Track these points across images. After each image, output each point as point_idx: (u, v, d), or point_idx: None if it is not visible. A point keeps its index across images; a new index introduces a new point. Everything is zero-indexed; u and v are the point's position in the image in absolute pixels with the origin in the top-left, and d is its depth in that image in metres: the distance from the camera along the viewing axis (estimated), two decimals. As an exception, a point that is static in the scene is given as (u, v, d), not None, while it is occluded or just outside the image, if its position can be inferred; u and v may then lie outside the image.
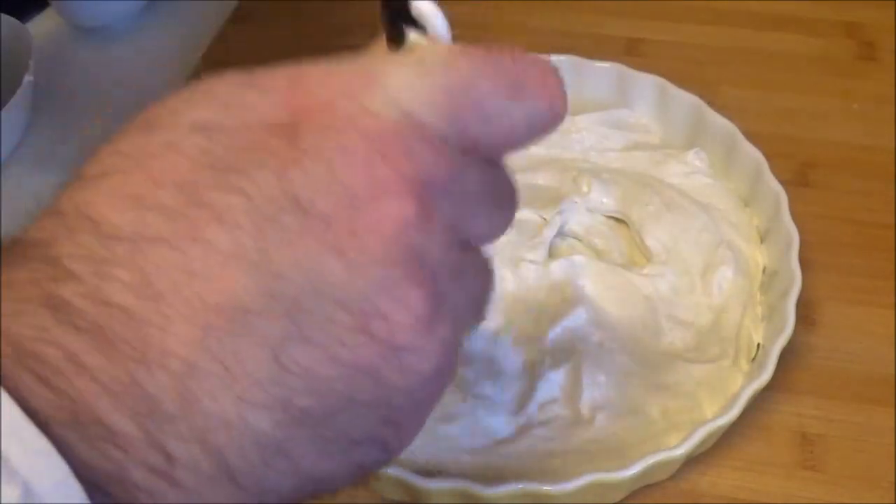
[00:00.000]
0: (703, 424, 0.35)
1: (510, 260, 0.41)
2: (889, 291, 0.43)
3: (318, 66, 0.20)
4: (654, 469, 0.34)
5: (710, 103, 0.48)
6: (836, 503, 0.36)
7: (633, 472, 0.34)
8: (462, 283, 0.21)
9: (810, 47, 0.57)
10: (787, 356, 0.38)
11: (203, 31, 0.62)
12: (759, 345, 0.40)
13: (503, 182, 0.22)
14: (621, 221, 0.45)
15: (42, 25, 0.64)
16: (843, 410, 0.39)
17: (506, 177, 0.22)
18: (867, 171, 0.49)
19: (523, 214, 0.43)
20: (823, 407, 0.39)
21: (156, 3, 0.66)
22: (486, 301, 0.23)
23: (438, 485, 0.34)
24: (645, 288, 0.41)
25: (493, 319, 0.40)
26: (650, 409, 0.37)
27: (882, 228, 0.46)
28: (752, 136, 0.46)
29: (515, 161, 0.22)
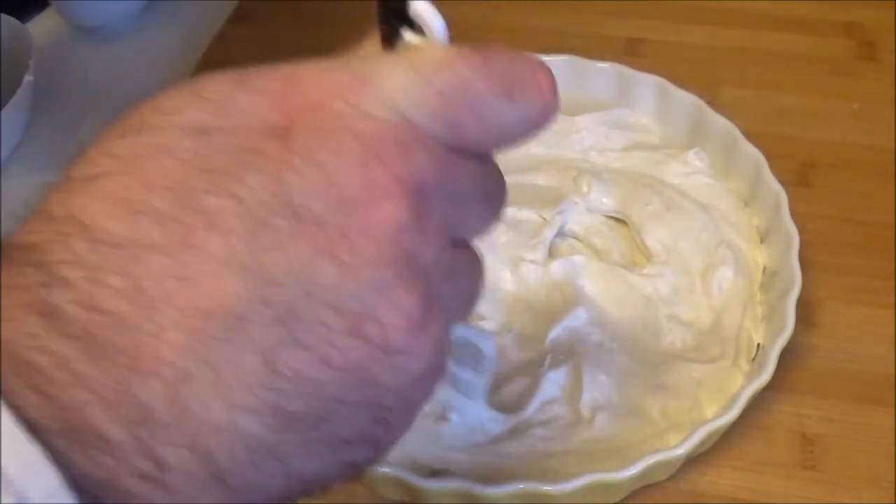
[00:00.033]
0: (703, 424, 0.35)
1: (510, 260, 0.41)
2: (889, 291, 0.43)
3: (311, 66, 0.20)
4: (654, 469, 0.34)
5: (710, 103, 0.48)
6: (836, 503, 0.36)
7: (633, 472, 0.34)
8: (454, 282, 0.21)
9: (810, 47, 0.57)
10: (787, 356, 0.38)
11: (203, 31, 0.62)
12: (759, 345, 0.40)
13: (494, 178, 0.22)
14: (621, 221, 0.45)
15: (42, 25, 0.64)
16: (842, 410, 0.39)
17: (496, 172, 0.22)
18: (867, 171, 0.49)
19: (523, 214, 0.43)
20: (823, 407, 0.39)
21: (156, 3, 0.66)
22: (477, 298, 0.23)
23: (438, 485, 0.34)
24: (645, 288, 0.41)
25: (493, 319, 0.40)
26: (650, 409, 0.37)
27: (882, 228, 0.46)
28: (752, 136, 0.46)
29: (516, 161, 0.22)
